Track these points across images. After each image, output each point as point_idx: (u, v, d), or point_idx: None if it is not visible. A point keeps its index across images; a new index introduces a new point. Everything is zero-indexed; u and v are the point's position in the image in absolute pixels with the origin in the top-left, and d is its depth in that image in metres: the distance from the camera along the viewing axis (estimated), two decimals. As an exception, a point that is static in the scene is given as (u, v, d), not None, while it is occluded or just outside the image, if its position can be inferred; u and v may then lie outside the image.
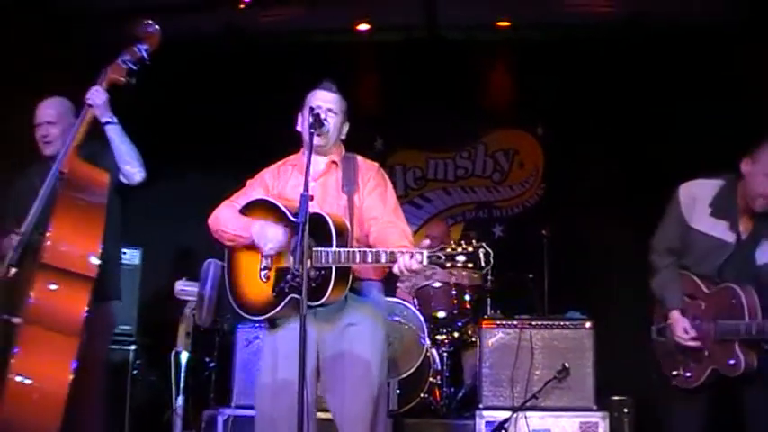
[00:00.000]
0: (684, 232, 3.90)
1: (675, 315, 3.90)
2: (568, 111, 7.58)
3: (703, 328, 3.84)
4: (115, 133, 3.97)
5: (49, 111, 4.14)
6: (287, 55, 7.63)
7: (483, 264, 3.02)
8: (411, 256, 3.10)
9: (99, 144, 3.99)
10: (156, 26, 3.95)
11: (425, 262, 3.08)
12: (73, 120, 4.03)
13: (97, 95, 3.90)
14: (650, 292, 4.08)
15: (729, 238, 3.80)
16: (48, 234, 3.58)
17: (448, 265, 3.05)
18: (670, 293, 3.96)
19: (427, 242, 3.20)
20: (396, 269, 3.15)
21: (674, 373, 3.95)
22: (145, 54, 3.91)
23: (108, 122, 3.95)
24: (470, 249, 3.03)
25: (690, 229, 3.88)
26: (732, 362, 3.71)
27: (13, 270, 3.68)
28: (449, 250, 3.05)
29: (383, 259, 3.19)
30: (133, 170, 4.01)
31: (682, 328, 3.86)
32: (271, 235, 3.39)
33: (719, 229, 3.81)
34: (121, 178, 4.00)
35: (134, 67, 3.92)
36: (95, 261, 3.63)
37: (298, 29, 7.49)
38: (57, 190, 3.71)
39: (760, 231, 3.80)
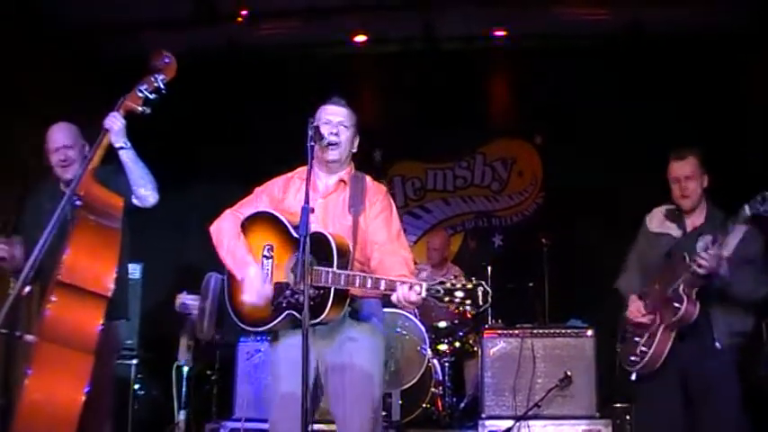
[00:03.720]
0: (644, 238, 4.46)
1: (632, 297, 4.35)
2: (566, 119, 7.59)
3: (658, 305, 4.18)
4: (129, 158, 4.04)
5: (66, 134, 4.24)
6: (286, 68, 7.66)
7: (481, 302, 3.04)
8: (410, 288, 3.11)
9: (112, 168, 4.07)
10: (173, 57, 4.05)
11: (424, 294, 3.09)
12: (82, 142, 4.16)
13: (115, 121, 3.98)
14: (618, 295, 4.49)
15: (677, 233, 4.32)
16: (65, 254, 3.65)
17: (446, 299, 3.06)
18: (629, 283, 4.44)
19: (425, 273, 3.21)
20: (393, 298, 3.17)
21: (633, 358, 4.22)
22: (162, 84, 4.02)
23: (122, 147, 4.03)
24: (469, 286, 3.04)
25: (648, 233, 4.45)
26: (677, 305, 4.03)
27: (28, 288, 3.76)
28: (448, 285, 3.05)
29: (382, 287, 3.21)
30: (147, 193, 4.08)
31: (635, 307, 4.29)
32: (257, 291, 3.39)
33: (670, 228, 4.35)
34: (134, 201, 4.08)
35: (150, 97, 4.03)
36: (111, 281, 3.71)
37: (296, 42, 7.51)
38: (71, 212, 3.80)
39: (703, 229, 4.22)
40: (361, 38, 7.44)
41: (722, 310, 4.08)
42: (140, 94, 4.01)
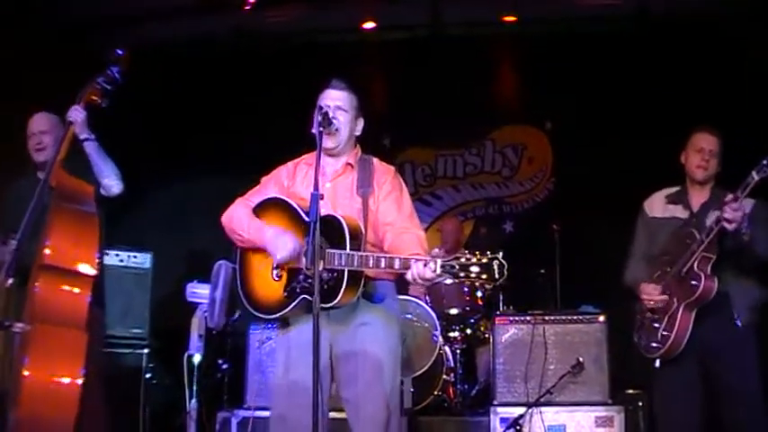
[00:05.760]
0: (648, 226, 4.38)
1: (642, 285, 4.26)
2: (576, 105, 7.55)
3: (673, 287, 4.11)
4: (93, 149, 4.24)
5: (42, 121, 4.46)
6: (294, 55, 7.64)
7: (497, 276, 3.00)
8: (424, 265, 3.07)
9: (80, 159, 4.23)
10: (126, 50, 4.23)
11: (438, 271, 3.05)
12: (62, 132, 4.28)
13: (76, 113, 4.16)
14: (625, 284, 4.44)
15: (683, 215, 4.25)
16: (47, 241, 3.77)
17: (461, 275, 3.02)
18: (635, 274, 4.36)
19: (440, 251, 3.17)
20: (408, 276, 3.13)
21: (654, 345, 4.15)
22: (117, 75, 4.19)
23: (86, 139, 4.22)
24: (484, 261, 3.00)
25: (651, 219, 4.37)
26: (694, 282, 3.98)
27: (11, 280, 3.85)
28: (463, 260, 3.01)
29: (396, 265, 3.18)
30: (111, 183, 4.27)
31: (650, 289, 4.20)
32: (283, 244, 3.37)
33: (675, 211, 4.29)
34: (101, 191, 4.25)
35: (108, 88, 4.19)
36: (95, 261, 3.86)
37: (304, 29, 7.49)
38: (47, 202, 3.93)
39: (709, 205, 4.15)
40: (369, 24, 7.41)
41: (738, 285, 4.05)
42: (98, 87, 4.18)
